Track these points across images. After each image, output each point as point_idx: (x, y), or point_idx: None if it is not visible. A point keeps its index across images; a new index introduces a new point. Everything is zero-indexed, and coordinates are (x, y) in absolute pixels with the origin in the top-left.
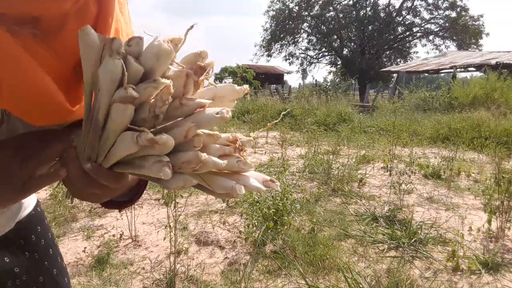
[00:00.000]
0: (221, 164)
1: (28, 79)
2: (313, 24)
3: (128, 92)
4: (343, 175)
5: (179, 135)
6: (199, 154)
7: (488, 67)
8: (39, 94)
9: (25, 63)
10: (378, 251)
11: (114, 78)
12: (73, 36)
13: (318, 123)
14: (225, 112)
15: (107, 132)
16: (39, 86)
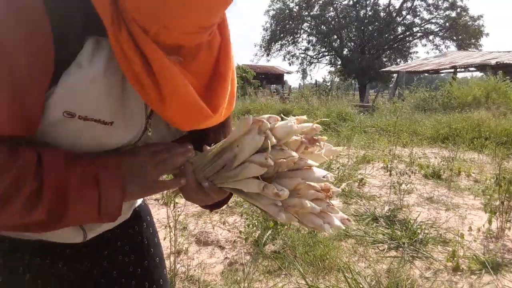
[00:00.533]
0: (317, 209)
1: (180, 85)
2: (313, 24)
3: (268, 161)
4: (343, 175)
5: (290, 185)
6: (303, 202)
7: (488, 67)
8: (190, 103)
9: (181, 79)
10: (378, 251)
11: (256, 146)
12: (204, 62)
13: (318, 123)
14: (329, 177)
15: (236, 173)
16: (191, 96)
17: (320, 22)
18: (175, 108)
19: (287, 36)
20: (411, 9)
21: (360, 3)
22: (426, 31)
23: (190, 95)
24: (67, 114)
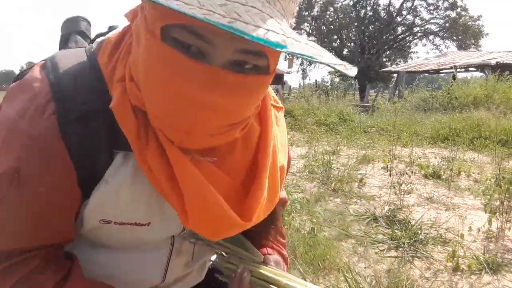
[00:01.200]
0: None
1: (205, 197)
2: (313, 25)
3: None
4: (343, 175)
5: None
6: None
7: (488, 67)
8: (217, 215)
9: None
10: (378, 251)
11: None
12: (240, 158)
13: (318, 123)
14: None
15: None
16: (217, 207)
17: (321, 22)
18: (199, 220)
19: None
20: (411, 9)
21: (360, 3)
22: (426, 31)
23: (216, 206)
24: (103, 221)
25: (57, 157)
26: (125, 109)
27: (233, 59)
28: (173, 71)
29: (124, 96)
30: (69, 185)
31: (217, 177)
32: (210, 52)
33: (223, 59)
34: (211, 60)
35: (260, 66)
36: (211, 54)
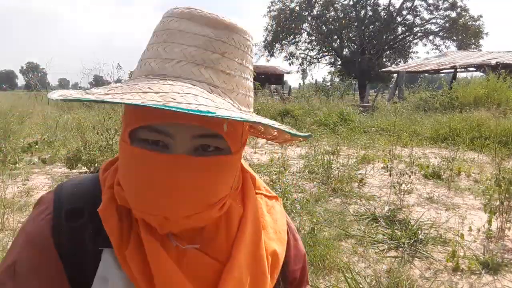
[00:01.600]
0: None
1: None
2: (313, 24)
3: None
4: (343, 175)
5: None
6: None
7: (488, 67)
8: None
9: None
10: (378, 251)
11: None
12: (225, 236)
13: (318, 123)
14: None
15: None
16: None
17: (321, 22)
18: None
19: (287, 37)
20: (411, 9)
21: (360, 3)
22: (426, 31)
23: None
24: None
25: (47, 253)
26: (111, 212)
27: (194, 146)
28: (144, 166)
29: (111, 201)
30: (60, 282)
31: (202, 263)
32: (172, 143)
33: (185, 147)
34: (175, 150)
35: (221, 148)
36: (174, 144)
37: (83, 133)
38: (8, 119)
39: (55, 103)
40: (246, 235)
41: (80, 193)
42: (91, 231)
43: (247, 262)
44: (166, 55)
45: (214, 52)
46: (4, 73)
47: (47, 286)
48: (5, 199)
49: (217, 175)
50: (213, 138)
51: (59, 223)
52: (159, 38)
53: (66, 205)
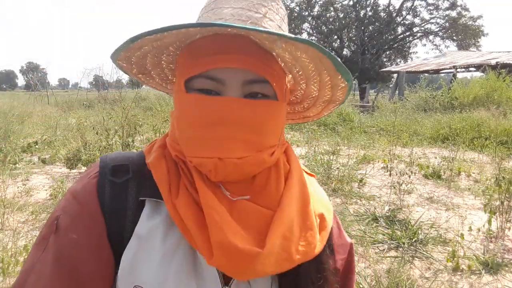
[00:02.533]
0: None
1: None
2: (313, 25)
3: None
4: (343, 175)
5: None
6: None
7: (488, 67)
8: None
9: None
10: (378, 251)
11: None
12: (275, 189)
13: (318, 123)
14: None
15: None
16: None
17: (321, 22)
18: (221, 255)
19: None
20: (411, 9)
21: (360, 3)
22: (426, 31)
23: (235, 237)
24: (137, 287)
25: (90, 207)
26: (160, 165)
27: (244, 93)
28: (199, 108)
29: (161, 157)
30: (99, 237)
31: (253, 212)
32: (223, 90)
33: (236, 93)
34: (227, 94)
35: (268, 95)
36: (225, 91)
37: (83, 133)
38: (8, 119)
39: (55, 103)
40: (293, 188)
41: (125, 157)
42: (135, 186)
43: (297, 214)
44: (215, 16)
45: (257, 12)
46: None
47: (85, 239)
48: (5, 199)
49: (265, 117)
50: (260, 83)
51: (104, 179)
52: (207, 8)
53: (111, 163)
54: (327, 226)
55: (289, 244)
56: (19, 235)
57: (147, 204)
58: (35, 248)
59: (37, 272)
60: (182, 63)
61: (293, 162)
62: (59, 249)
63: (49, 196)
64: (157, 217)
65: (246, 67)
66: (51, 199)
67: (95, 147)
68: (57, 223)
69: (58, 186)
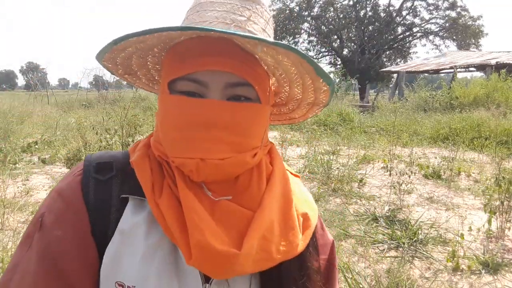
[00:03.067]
0: None
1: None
2: (313, 25)
3: None
4: (343, 175)
5: None
6: None
7: (489, 67)
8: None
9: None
10: (378, 251)
11: None
12: (257, 189)
13: (318, 123)
14: None
15: None
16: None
17: (321, 22)
18: (200, 256)
19: (287, 37)
20: (411, 9)
21: (360, 3)
22: (426, 31)
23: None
24: (118, 284)
25: (74, 205)
26: (143, 164)
27: (226, 95)
28: (182, 110)
29: (144, 157)
30: (84, 234)
31: (234, 212)
32: (206, 92)
33: (218, 95)
34: (209, 97)
35: (250, 97)
36: (208, 93)
37: (83, 133)
38: (8, 119)
39: (54, 103)
40: (275, 188)
41: (110, 155)
42: (119, 184)
43: (277, 215)
44: (200, 19)
45: (241, 15)
46: (4, 73)
47: (70, 236)
48: (5, 199)
49: (248, 119)
50: (243, 86)
51: (88, 177)
52: (192, 10)
53: (95, 161)
54: (311, 225)
55: (269, 244)
56: (19, 235)
57: (130, 201)
58: (20, 246)
59: (21, 270)
60: (167, 64)
61: (277, 163)
62: (44, 247)
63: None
64: (140, 215)
65: (229, 70)
66: None
67: (95, 147)
68: (42, 221)
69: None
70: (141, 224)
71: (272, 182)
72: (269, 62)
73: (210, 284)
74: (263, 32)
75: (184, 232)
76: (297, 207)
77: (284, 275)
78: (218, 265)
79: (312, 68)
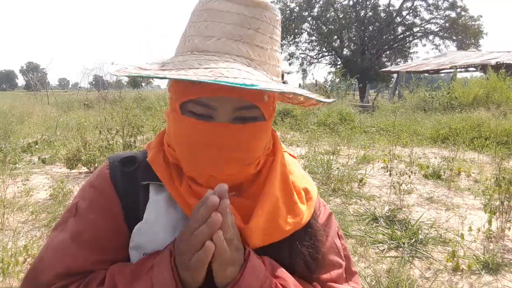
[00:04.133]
0: None
1: None
2: (313, 25)
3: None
4: (343, 175)
5: None
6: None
7: (488, 67)
8: None
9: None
10: (378, 251)
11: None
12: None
13: (318, 123)
14: None
15: None
16: None
17: (321, 22)
18: None
19: (287, 37)
20: (411, 9)
21: (360, 4)
22: (426, 31)
23: None
24: (144, 254)
25: (106, 193)
26: (158, 159)
27: (233, 117)
28: (193, 132)
29: (159, 153)
30: (116, 216)
31: (239, 204)
32: (215, 115)
33: (226, 118)
34: (218, 120)
35: (256, 116)
36: (217, 116)
37: (83, 133)
38: (8, 119)
39: (54, 103)
40: (276, 173)
41: (130, 152)
42: (142, 174)
43: (280, 193)
44: (208, 32)
45: (249, 29)
46: (4, 73)
47: (102, 220)
48: (5, 199)
49: (253, 138)
50: (249, 109)
51: (115, 170)
52: (199, 17)
53: (120, 157)
54: (312, 197)
55: (276, 218)
56: (19, 235)
57: (151, 188)
58: (53, 231)
59: (54, 248)
60: (179, 85)
61: (277, 150)
62: (78, 228)
63: (49, 196)
64: (160, 197)
65: (238, 96)
66: (51, 199)
67: (95, 147)
68: (77, 207)
69: (58, 186)
70: (161, 205)
71: (273, 169)
72: None
73: None
74: (270, 40)
75: None
76: (297, 184)
77: (295, 243)
78: None
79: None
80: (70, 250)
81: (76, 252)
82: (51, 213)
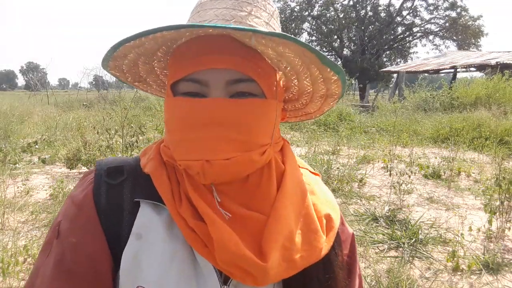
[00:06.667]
0: None
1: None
2: (313, 25)
3: None
4: (343, 175)
5: None
6: None
7: (488, 67)
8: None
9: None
10: (378, 251)
11: None
12: (266, 189)
13: (318, 123)
14: None
15: None
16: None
17: (321, 22)
18: (223, 261)
19: None
20: (411, 9)
21: (360, 3)
22: (426, 31)
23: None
24: (140, 287)
25: (86, 210)
26: (161, 173)
27: (229, 93)
28: (185, 110)
29: (160, 165)
30: (96, 238)
31: (247, 217)
32: (208, 92)
33: (221, 93)
34: (212, 95)
35: (255, 93)
36: (210, 93)
37: (83, 133)
38: (8, 119)
39: (54, 103)
40: (287, 191)
41: (120, 159)
42: (130, 187)
43: (295, 220)
44: (200, 18)
45: (241, 11)
46: (4, 73)
47: (82, 242)
48: (5, 199)
49: (252, 115)
50: (246, 82)
51: (99, 182)
52: (194, 11)
53: (106, 166)
54: (334, 226)
55: (290, 253)
56: (19, 235)
57: (142, 205)
58: (41, 253)
59: (41, 275)
60: (170, 67)
61: (289, 162)
62: (60, 253)
63: (49, 196)
64: (156, 219)
65: (228, 67)
66: (51, 199)
67: (95, 147)
68: (59, 228)
69: (58, 186)
70: (158, 229)
71: (284, 184)
72: (270, 55)
73: (228, 286)
74: (267, 26)
75: (211, 246)
76: (319, 209)
77: (308, 277)
78: (246, 275)
79: (315, 56)
80: (55, 283)
81: (59, 284)
82: (51, 213)
